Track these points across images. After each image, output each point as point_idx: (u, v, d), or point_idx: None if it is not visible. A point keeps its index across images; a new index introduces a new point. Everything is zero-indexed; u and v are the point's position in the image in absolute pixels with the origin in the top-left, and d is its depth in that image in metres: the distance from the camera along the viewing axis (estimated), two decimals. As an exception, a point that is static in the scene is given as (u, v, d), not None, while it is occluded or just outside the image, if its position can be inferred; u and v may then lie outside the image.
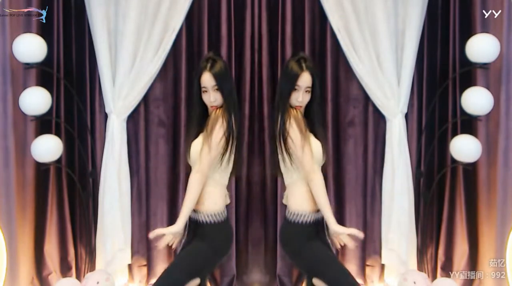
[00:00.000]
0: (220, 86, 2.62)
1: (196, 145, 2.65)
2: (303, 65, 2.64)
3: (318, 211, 2.63)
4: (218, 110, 2.65)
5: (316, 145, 2.64)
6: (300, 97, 2.63)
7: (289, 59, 2.75)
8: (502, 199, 3.39)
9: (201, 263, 2.62)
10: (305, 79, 2.63)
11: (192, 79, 3.47)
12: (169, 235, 2.57)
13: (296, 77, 2.62)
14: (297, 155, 2.58)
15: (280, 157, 2.66)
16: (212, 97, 2.63)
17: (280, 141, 2.63)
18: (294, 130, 2.59)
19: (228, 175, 2.72)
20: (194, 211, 2.65)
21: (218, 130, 2.59)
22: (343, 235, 2.58)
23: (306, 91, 2.65)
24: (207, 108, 2.70)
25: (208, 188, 2.63)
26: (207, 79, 2.63)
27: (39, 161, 3.34)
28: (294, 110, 2.64)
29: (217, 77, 2.62)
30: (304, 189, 2.63)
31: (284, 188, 3.22)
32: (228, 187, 2.76)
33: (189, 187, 2.58)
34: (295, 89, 2.62)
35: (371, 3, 3.34)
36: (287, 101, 2.64)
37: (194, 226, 2.67)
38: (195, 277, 2.59)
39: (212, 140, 2.57)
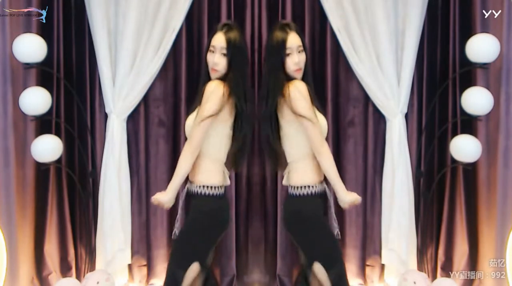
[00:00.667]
0: (229, 52, 2.49)
1: (190, 119, 2.57)
2: (287, 28, 2.54)
3: (322, 182, 2.59)
4: (219, 82, 2.50)
5: (321, 118, 2.57)
6: (296, 58, 2.50)
7: (270, 32, 2.62)
8: (502, 199, 3.38)
9: (193, 246, 2.54)
10: (294, 39, 2.51)
11: (193, 79, 3.52)
12: (161, 203, 2.55)
13: (284, 41, 2.49)
14: (307, 128, 2.47)
15: (281, 132, 2.56)
16: (216, 58, 2.50)
17: (278, 119, 2.52)
18: (302, 102, 2.45)
19: (226, 151, 2.60)
20: (190, 182, 2.60)
21: (211, 102, 2.45)
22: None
23: (299, 51, 2.52)
24: None
25: (203, 161, 2.55)
26: (217, 39, 2.51)
27: (39, 161, 3.34)
28: (294, 83, 2.49)
29: (228, 41, 2.49)
30: (308, 162, 2.55)
31: (283, 189, 3.23)
32: (230, 171, 2.68)
33: (179, 159, 2.52)
34: (288, 54, 2.50)
35: (371, 3, 3.34)
36: (280, 74, 2.51)
37: (189, 198, 2.61)
38: (191, 263, 2.54)
39: (203, 112, 2.46)
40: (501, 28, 3.35)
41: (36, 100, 3.25)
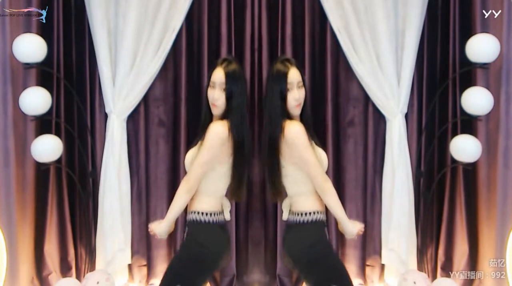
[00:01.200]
0: (229, 88, 2.43)
1: (190, 153, 2.53)
2: (287, 63, 2.49)
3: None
4: (224, 125, 2.45)
5: (320, 152, 2.51)
6: (296, 95, 2.46)
7: (271, 66, 2.57)
8: (502, 199, 3.38)
9: (180, 276, 2.43)
10: (294, 74, 2.47)
11: (193, 79, 3.52)
12: (155, 234, 2.53)
13: (285, 75, 2.45)
14: (308, 169, 2.42)
15: (283, 171, 2.49)
16: (216, 95, 2.44)
17: (279, 157, 2.46)
18: (299, 146, 2.41)
19: (225, 188, 2.53)
20: (187, 212, 2.52)
21: (212, 148, 2.41)
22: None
23: (299, 87, 2.48)
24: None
25: (199, 196, 2.50)
26: (217, 74, 2.46)
27: (39, 161, 3.34)
28: (289, 125, 2.43)
29: (228, 76, 2.44)
30: (311, 195, 2.49)
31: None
32: (230, 203, 2.60)
33: (175, 196, 2.46)
34: (288, 89, 2.45)
35: (371, 3, 3.34)
36: (281, 110, 2.45)
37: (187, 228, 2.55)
38: None
39: (203, 157, 2.42)
40: (501, 28, 3.35)
41: (36, 100, 3.25)
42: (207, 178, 2.48)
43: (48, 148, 3.30)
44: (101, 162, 3.45)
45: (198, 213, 2.48)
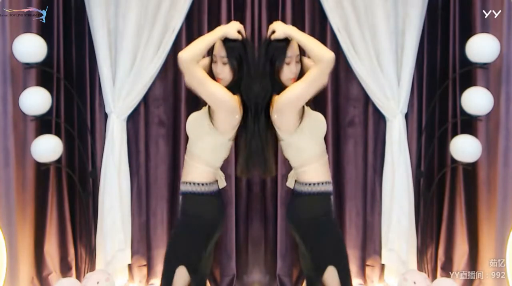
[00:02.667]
0: (230, 59, 2.41)
1: (193, 116, 2.54)
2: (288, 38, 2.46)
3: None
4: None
5: (316, 116, 2.53)
6: (294, 68, 2.44)
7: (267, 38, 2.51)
8: (502, 199, 3.38)
9: (177, 249, 2.47)
10: (295, 47, 2.46)
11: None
12: None
13: (285, 48, 2.43)
14: (311, 73, 2.40)
15: (282, 144, 2.53)
16: (218, 68, 2.43)
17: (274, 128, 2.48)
18: (289, 93, 2.39)
19: (222, 160, 2.56)
20: (181, 183, 2.54)
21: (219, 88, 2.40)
22: None
23: (297, 61, 2.48)
24: None
25: (194, 162, 2.49)
26: (217, 47, 2.44)
27: (39, 161, 3.34)
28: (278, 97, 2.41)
29: (228, 48, 2.41)
30: (317, 163, 2.49)
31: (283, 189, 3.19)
32: (227, 172, 2.66)
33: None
34: (288, 63, 2.43)
35: (371, 3, 3.34)
36: (273, 80, 2.43)
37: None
38: (175, 267, 2.47)
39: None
40: (501, 28, 3.35)
41: (36, 100, 3.25)
42: (205, 146, 2.48)
43: (48, 148, 3.30)
44: (101, 162, 3.45)
45: (191, 183, 2.47)
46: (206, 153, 2.50)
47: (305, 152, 2.51)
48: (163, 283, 2.54)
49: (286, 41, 2.47)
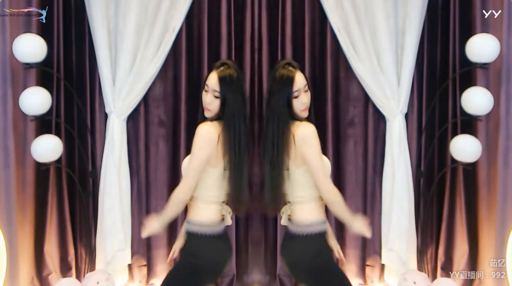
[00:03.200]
0: (222, 94, 2.35)
1: (187, 159, 2.45)
2: (291, 68, 2.42)
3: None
4: (210, 126, 2.37)
5: (323, 159, 2.44)
6: (304, 99, 2.40)
7: (274, 70, 2.47)
8: (502, 199, 3.39)
9: None
10: (300, 79, 2.41)
11: (193, 79, 3.52)
12: (146, 230, 2.44)
13: (291, 81, 2.38)
14: (314, 173, 2.34)
15: (288, 174, 2.41)
16: (208, 99, 2.37)
17: (283, 160, 2.38)
18: (311, 148, 2.33)
19: (223, 191, 2.43)
20: (186, 222, 2.45)
21: (199, 150, 2.33)
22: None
23: (305, 91, 2.43)
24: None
25: (196, 203, 2.42)
26: (211, 79, 2.38)
27: (39, 161, 3.34)
28: (302, 126, 2.38)
29: (221, 81, 2.35)
30: (313, 203, 2.42)
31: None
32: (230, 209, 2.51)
33: (169, 203, 2.38)
34: (296, 96, 2.39)
35: (371, 3, 3.34)
36: (288, 114, 2.38)
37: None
38: None
39: (191, 161, 2.36)
40: (501, 28, 3.35)
41: (36, 100, 3.25)
42: (202, 183, 2.40)
43: (48, 148, 3.30)
44: (101, 162, 3.45)
45: (194, 224, 2.40)
46: (205, 190, 2.42)
47: (307, 190, 2.42)
48: None
49: (291, 73, 2.41)
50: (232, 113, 2.37)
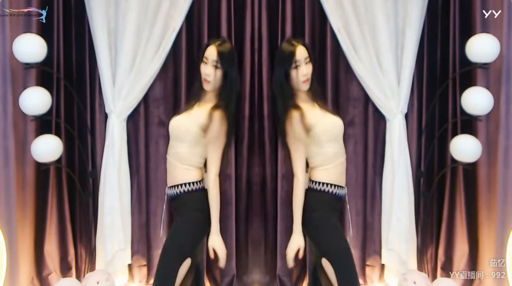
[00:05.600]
0: (221, 65, 2.65)
1: (179, 121, 2.76)
2: (294, 42, 2.71)
3: (342, 187, 2.83)
4: (216, 111, 2.68)
5: (328, 120, 2.77)
6: (304, 70, 2.65)
7: (279, 46, 2.78)
8: (502, 199, 3.39)
9: (187, 242, 2.70)
10: (301, 51, 2.66)
11: (193, 79, 3.51)
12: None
13: (292, 53, 2.64)
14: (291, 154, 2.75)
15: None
16: (208, 70, 2.64)
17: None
18: (290, 135, 2.70)
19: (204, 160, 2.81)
20: (171, 187, 2.80)
21: (223, 137, 2.70)
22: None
23: (307, 62, 2.67)
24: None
25: (183, 167, 2.75)
26: (210, 51, 2.66)
27: (39, 161, 3.34)
28: (291, 115, 2.68)
29: (221, 55, 2.64)
30: (319, 166, 2.78)
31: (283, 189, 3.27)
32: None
33: (216, 196, 2.72)
34: (297, 66, 2.63)
35: (371, 3, 3.34)
36: (288, 89, 2.68)
37: (172, 203, 2.82)
38: (183, 259, 2.69)
39: (223, 145, 2.73)
40: (501, 28, 3.35)
41: (36, 100, 3.25)
42: (195, 151, 2.74)
43: (48, 148, 3.30)
44: (101, 162, 3.45)
45: (189, 183, 2.73)
46: (196, 158, 2.80)
47: (310, 158, 2.80)
48: (167, 275, 2.63)
49: (292, 47, 2.68)
50: (232, 89, 2.70)
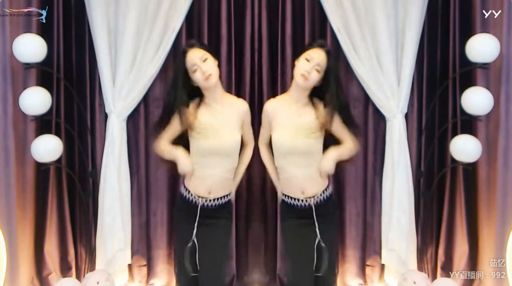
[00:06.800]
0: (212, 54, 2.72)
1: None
2: (319, 42, 2.77)
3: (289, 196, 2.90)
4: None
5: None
6: (308, 67, 2.62)
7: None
8: (502, 199, 3.39)
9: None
10: (317, 54, 2.65)
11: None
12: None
13: (310, 47, 2.70)
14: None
15: None
16: (204, 67, 2.64)
17: None
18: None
19: None
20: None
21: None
22: None
23: (316, 69, 2.63)
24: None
25: (232, 176, 2.89)
26: (194, 54, 2.68)
27: (39, 161, 3.34)
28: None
29: (204, 48, 2.72)
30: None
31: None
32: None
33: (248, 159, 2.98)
34: (307, 59, 2.63)
35: (371, 3, 3.34)
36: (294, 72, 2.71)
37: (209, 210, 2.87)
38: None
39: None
40: (501, 28, 3.35)
41: (36, 100, 3.25)
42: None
43: (48, 148, 3.30)
44: (101, 162, 3.45)
45: (231, 193, 2.88)
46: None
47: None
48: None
49: (316, 45, 2.75)
50: None
